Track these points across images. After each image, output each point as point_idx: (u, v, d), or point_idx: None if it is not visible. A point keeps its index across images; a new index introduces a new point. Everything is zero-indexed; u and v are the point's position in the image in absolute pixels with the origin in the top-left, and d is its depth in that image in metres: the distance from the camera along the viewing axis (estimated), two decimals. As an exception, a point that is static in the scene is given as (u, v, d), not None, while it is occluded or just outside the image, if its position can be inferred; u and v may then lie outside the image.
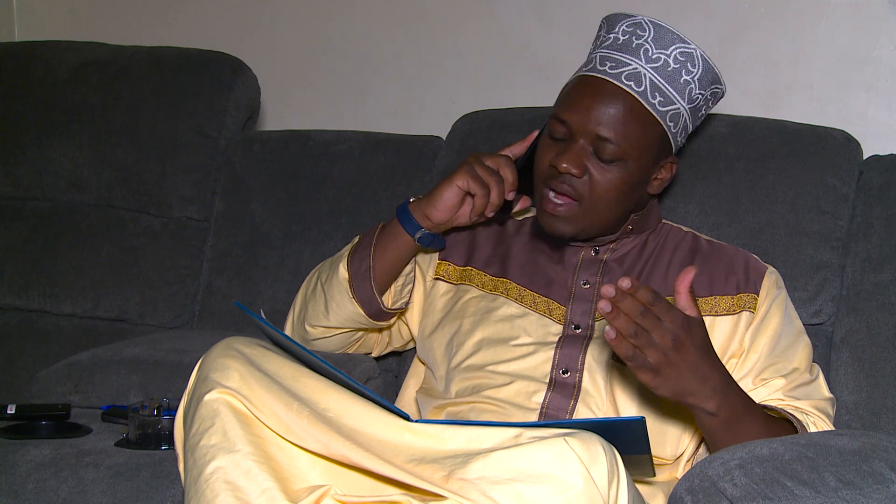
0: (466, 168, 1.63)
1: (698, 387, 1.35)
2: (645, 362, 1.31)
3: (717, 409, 1.38)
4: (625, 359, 1.31)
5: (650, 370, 1.32)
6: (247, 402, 1.30)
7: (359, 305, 1.68)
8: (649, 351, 1.30)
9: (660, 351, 1.30)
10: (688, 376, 1.33)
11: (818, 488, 1.21)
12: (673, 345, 1.31)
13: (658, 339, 1.30)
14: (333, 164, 2.15)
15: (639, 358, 1.31)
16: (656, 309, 1.30)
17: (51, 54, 2.31)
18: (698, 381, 1.35)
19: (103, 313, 2.18)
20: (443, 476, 1.19)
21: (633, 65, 1.56)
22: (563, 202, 1.58)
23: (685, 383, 1.34)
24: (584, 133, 1.56)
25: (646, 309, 1.29)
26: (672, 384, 1.33)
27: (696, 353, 1.33)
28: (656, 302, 1.30)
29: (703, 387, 1.36)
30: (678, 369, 1.32)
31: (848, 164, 1.88)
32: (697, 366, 1.34)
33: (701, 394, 1.36)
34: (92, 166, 2.23)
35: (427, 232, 1.67)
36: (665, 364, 1.31)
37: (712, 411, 1.38)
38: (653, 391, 1.34)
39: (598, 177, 1.57)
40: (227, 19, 2.69)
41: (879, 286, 1.79)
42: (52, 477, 1.51)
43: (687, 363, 1.32)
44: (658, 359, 1.31)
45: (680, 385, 1.34)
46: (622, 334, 1.29)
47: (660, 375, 1.32)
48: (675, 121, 1.59)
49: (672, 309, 1.32)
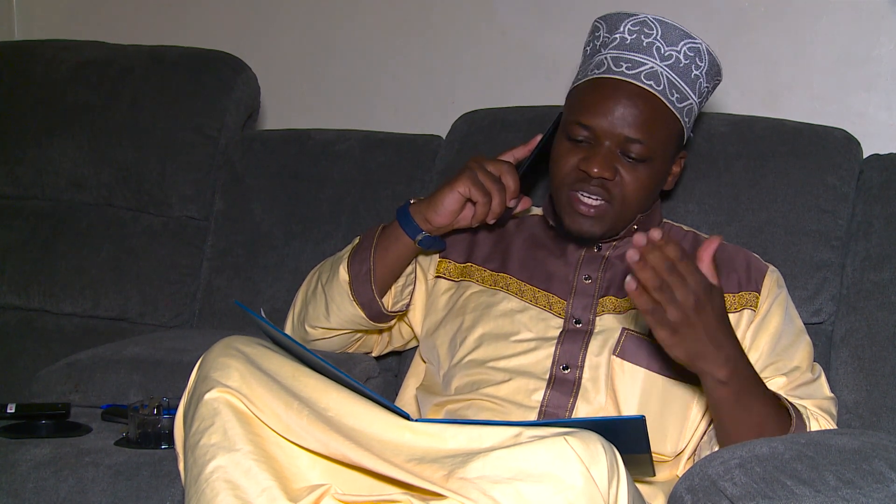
0: (468, 174, 1.63)
1: (713, 352, 1.34)
2: (664, 318, 1.30)
3: (728, 377, 1.37)
4: (643, 312, 1.30)
5: (668, 328, 1.31)
6: (247, 401, 1.30)
7: (359, 308, 1.68)
8: (670, 308, 1.29)
9: (680, 309, 1.30)
10: (704, 340, 1.33)
11: (818, 487, 1.21)
12: (694, 305, 1.30)
13: (680, 297, 1.29)
14: (333, 164, 2.15)
15: (658, 313, 1.30)
16: (682, 267, 1.29)
17: (51, 53, 2.31)
18: (713, 347, 1.34)
19: (103, 312, 2.18)
20: (443, 475, 1.19)
21: (649, 64, 1.57)
22: (596, 204, 1.58)
23: (701, 346, 1.33)
24: (611, 136, 1.56)
25: (672, 265, 1.29)
26: (688, 345, 1.32)
27: (714, 318, 1.33)
28: (683, 260, 1.30)
29: (718, 353, 1.35)
30: (696, 331, 1.31)
31: (848, 163, 1.89)
32: (714, 331, 1.33)
33: (714, 360, 1.35)
34: (92, 166, 2.23)
35: (427, 235, 1.67)
36: (684, 323, 1.30)
37: (723, 379, 1.37)
38: (667, 350, 1.33)
39: (628, 177, 1.57)
40: (227, 19, 2.69)
41: (879, 285, 1.79)
42: (52, 476, 1.51)
43: (705, 326, 1.32)
44: (678, 317, 1.30)
45: (695, 347, 1.33)
46: (645, 287, 1.29)
47: (677, 334, 1.31)
48: (689, 115, 1.61)
49: (697, 271, 1.31)
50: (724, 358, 1.36)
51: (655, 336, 1.33)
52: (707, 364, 1.36)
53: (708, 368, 1.36)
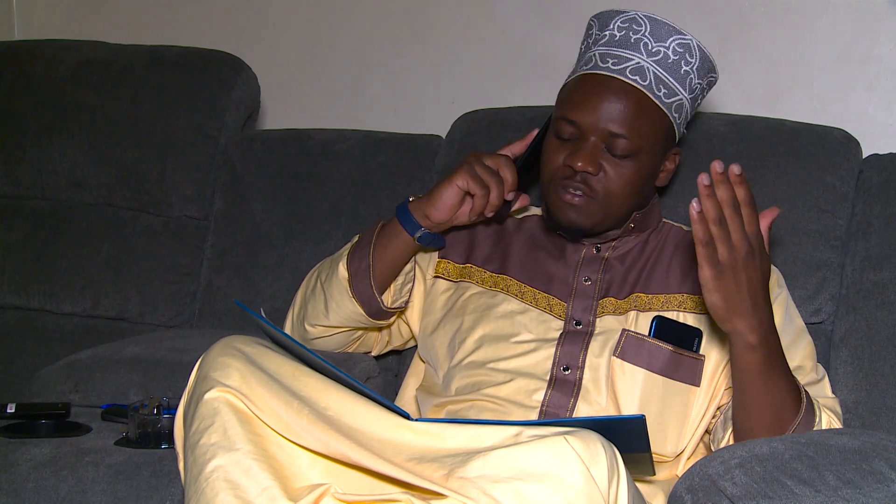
0: (466, 168, 1.63)
1: (749, 312, 1.32)
2: (713, 255, 1.28)
3: (758, 343, 1.34)
4: (697, 242, 1.27)
5: (715, 267, 1.28)
6: (247, 400, 1.30)
7: (358, 304, 1.68)
8: (722, 246, 1.27)
9: (732, 252, 1.27)
10: (744, 294, 1.30)
11: (818, 487, 1.21)
12: (746, 253, 1.28)
13: (735, 239, 1.27)
14: (333, 163, 2.14)
15: (710, 247, 1.27)
16: (746, 211, 1.28)
17: (50, 53, 2.31)
18: (751, 306, 1.31)
19: (103, 312, 2.18)
20: (443, 475, 1.19)
21: (635, 59, 1.57)
22: (579, 198, 1.58)
23: (739, 300, 1.31)
24: (596, 131, 1.56)
25: (737, 204, 1.27)
26: (728, 293, 1.30)
27: (757, 278, 1.31)
28: (749, 205, 1.28)
29: (753, 314, 1.32)
30: (738, 280, 1.29)
31: (847, 163, 1.89)
32: (756, 291, 1.31)
33: (749, 320, 1.33)
34: (92, 165, 2.22)
35: (427, 231, 1.67)
36: (730, 267, 1.28)
37: (754, 344, 1.34)
38: (706, 293, 1.30)
39: (613, 173, 1.57)
40: (227, 18, 2.69)
41: (879, 285, 1.79)
42: (52, 476, 1.51)
43: (748, 280, 1.30)
44: (727, 258, 1.28)
45: (734, 299, 1.30)
46: (706, 216, 1.26)
47: (721, 277, 1.29)
48: (679, 111, 1.60)
49: (758, 222, 1.29)
50: (758, 321, 1.33)
51: (700, 273, 1.29)
52: (741, 322, 1.33)
53: (741, 328, 1.33)
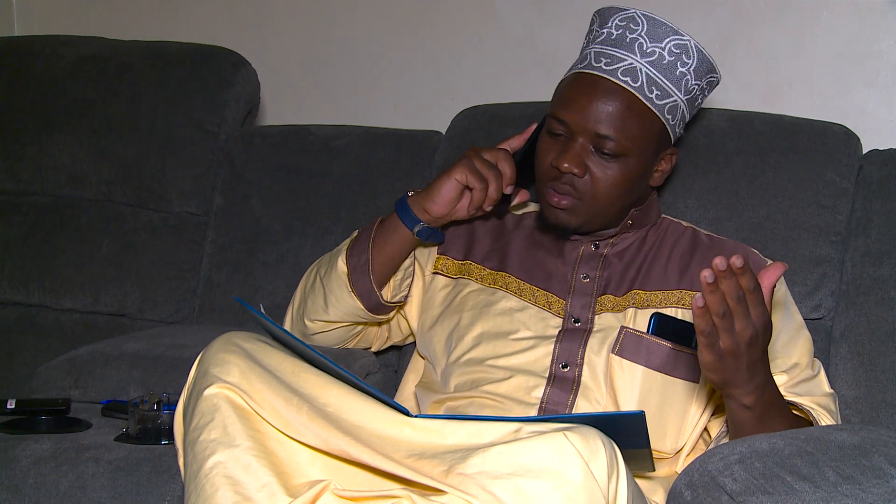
0: (465, 162, 1.63)
1: (746, 382, 1.34)
2: (715, 343, 1.29)
3: (753, 404, 1.37)
4: (700, 332, 1.29)
5: (716, 353, 1.29)
6: (246, 396, 1.30)
7: (358, 299, 1.68)
8: (725, 336, 1.28)
9: (735, 340, 1.29)
10: (742, 370, 1.32)
11: (818, 483, 1.21)
12: (749, 339, 1.29)
13: (739, 328, 1.28)
14: (333, 159, 2.14)
15: (713, 337, 1.29)
16: (751, 298, 1.28)
17: (50, 49, 2.31)
18: (748, 377, 1.34)
19: (103, 308, 2.18)
20: (442, 471, 1.19)
21: (628, 60, 1.56)
22: (565, 199, 1.58)
23: (738, 377, 1.33)
24: (584, 131, 1.56)
25: (742, 295, 1.27)
26: (727, 374, 1.32)
27: (759, 355, 1.32)
28: (754, 292, 1.28)
29: (749, 383, 1.35)
30: (739, 363, 1.31)
31: (847, 158, 1.88)
32: (755, 363, 1.33)
33: (745, 389, 1.35)
34: (92, 161, 2.22)
35: (426, 225, 1.67)
36: (732, 354, 1.29)
37: (749, 405, 1.37)
38: (704, 370, 1.32)
39: (599, 174, 1.57)
40: (226, 14, 2.69)
41: (879, 281, 1.79)
42: (52, 472, 1.51)
43: (749, 359, 1.31)
44: (729, 346, 1.29)
45: (733, 377, 1.33)
46: (710, 310, 1.27)
47: (722, 361, 1.30)
48: (672, 113, 1.59)
49: (762, 304, 1.30)
50: (754, 386, 1.36)
51: (700, 356, 1.31)
52: (737, 391, 1.36)
53: (736, 394, 1.36)
